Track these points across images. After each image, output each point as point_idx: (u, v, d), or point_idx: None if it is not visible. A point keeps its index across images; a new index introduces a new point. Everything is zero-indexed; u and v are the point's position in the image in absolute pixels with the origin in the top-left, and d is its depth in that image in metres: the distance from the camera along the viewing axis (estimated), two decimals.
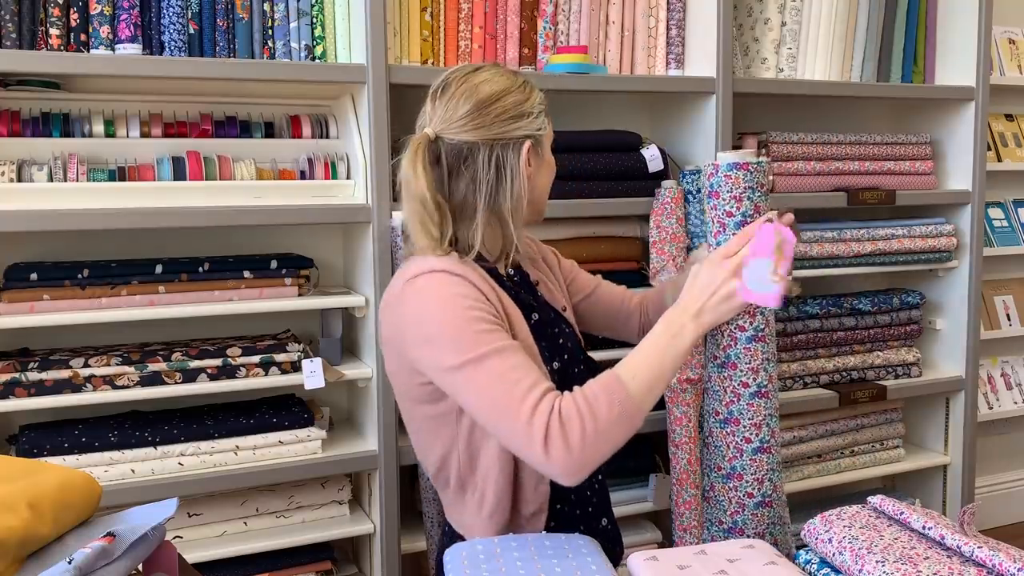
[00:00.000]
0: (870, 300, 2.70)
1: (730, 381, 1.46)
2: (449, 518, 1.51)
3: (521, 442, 1.26)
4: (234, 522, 2.09)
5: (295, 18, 2.06)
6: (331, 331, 2.21)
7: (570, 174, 2.26)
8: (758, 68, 2.54)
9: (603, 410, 1.27)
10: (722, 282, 1.36)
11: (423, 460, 1.50)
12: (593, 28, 2.35)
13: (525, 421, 1.25)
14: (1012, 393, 3.32)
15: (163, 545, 1.09)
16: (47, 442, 1.91)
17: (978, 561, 1.09)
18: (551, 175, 1.54)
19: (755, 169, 1.44)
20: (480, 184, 1.39)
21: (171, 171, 2.01)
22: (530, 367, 1.30)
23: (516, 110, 1.41)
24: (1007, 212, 3.30)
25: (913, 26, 2.74)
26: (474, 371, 1.28)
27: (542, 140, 1.47)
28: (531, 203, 1.48)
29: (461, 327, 1.30)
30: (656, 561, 1.22)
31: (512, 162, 1.40)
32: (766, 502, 1.49)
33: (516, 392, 1.26)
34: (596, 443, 1.26)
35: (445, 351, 1.30)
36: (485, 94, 1.40)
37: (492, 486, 1.40)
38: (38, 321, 1.89)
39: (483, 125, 1.39)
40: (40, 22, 1.90)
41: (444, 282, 1.34)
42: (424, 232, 1.40)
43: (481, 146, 1.39)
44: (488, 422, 1.30)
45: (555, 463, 1.24)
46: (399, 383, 1.45)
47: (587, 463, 1.26)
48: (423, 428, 1.45)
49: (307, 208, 2.03)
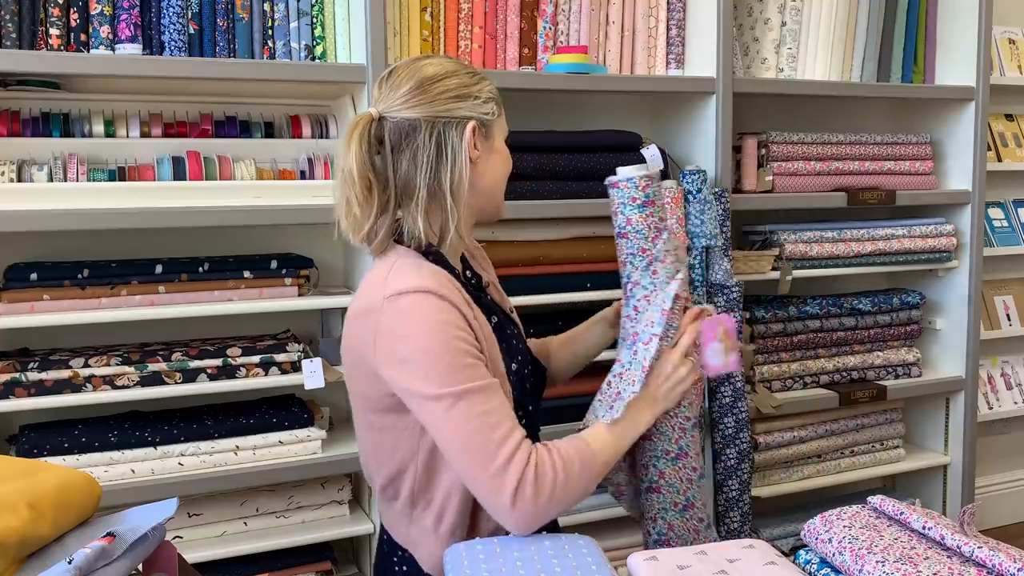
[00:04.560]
0: (870, 300, 2.70)
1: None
2: (390, 530, 1.47)
3: (488, 487, 1.27)
4: (234, 522, 2.09)
5: (295, 18, 2.06)
6: (331, 331, 2.21)
7: (570, 174, 2.26)
8: (758, 68, 2.54)
9: (574, 474, 1.32)
10: (672, 369, 1.50)
11: (372, 470, 1.46)
12: (593, 28, 2.35)
13: (498, 469, 1.26)
14: (1012, 393, 3.32)
15: (163, 545, 1.09)
16: (47, 442, 1.91)
17: (978, 561, 1.09)
18: (504, 168, 1.47)
19: (624, 186, 1.63)
20: (420, 162, 1.35)
21: (171, 171, 2.00)
22: (507, 411, 1.30)
23: (460, 91, 1.38)
24: (1007, 212, 3.30)
25: (913, 26, 2.74)
26: (452, 405, 1.26)
27: (491, 127, 1.42)
28: (480, 194, 1.42)
29: (444, 357, 1.27)
30: (656, 561, 1.21)
31: (454, 141, 1.36)
32: None
33: (494, 437, 1.27)
34: (559, 502, 1.30)
35: (425, 378, 1.27)
36: (428, 73, 1.38)
37: (455, 505, 1.37)
38: (38, 321, 1.89)
39: (424, 102, 1.35)
40: (40, 22, 1.90)
41: (433, 307, 1.30)
42: (347, 211, 1.36)
43: (423, 123, 1.35)
44: (456, 459, 1.29)
45: (518, 514, 1.27)
46: (360, 392, 1.41)
47: (544, 519, 1.30)
48: (379, 439, 1.41)
49: (307, 208, 2.03)
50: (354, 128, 1.36)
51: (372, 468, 1.46)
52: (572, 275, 2.32)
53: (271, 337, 2.16)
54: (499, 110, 1.44)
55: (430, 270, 1.35)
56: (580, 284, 2.32)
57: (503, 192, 1.48)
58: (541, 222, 2.28)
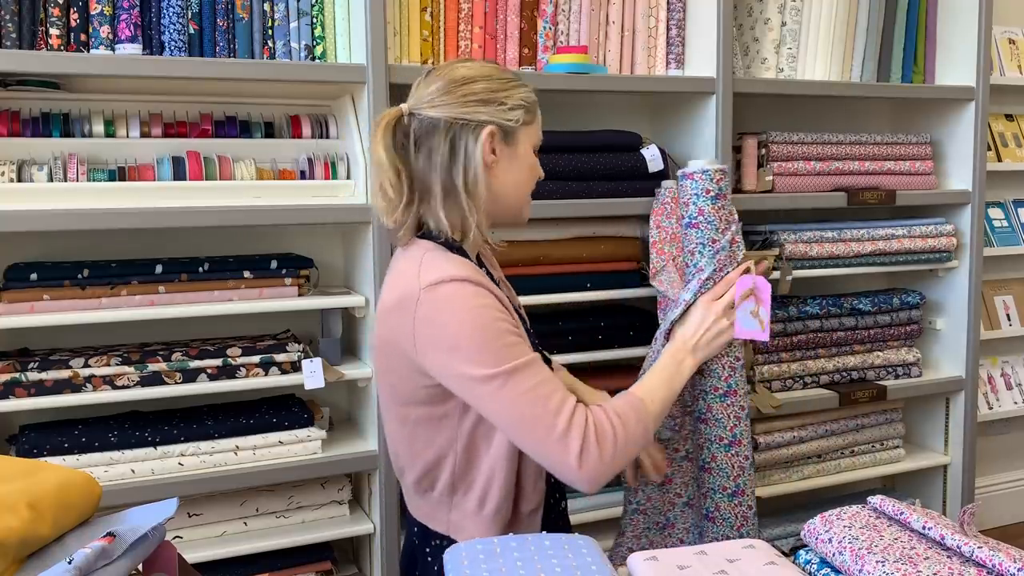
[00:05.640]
0: (870, 300, 2.69)
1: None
2: (426, 520, 1.50)
3: (554, 452, 1.33)
4: (234, 522, 2.09)
5: (295, 18, 2.06)
6: (331, 331, 2.21)
7: (570, 174, 2.26)
8: (758, 68, 2.54)
9: (632, 426, 1.39)
10: (713, 322, 1.61)
11: (404, 463, 1.49)
12: (593, 28, 2.35)
13: (560, 434, 1.32)
14: (1012, 393, 3.32)
15: (163, 545, 1.09)
16: (47, 442, 1.91)
17: (978, 561, 1.09)
18: (529, 176, 1.49)
19: (699, 178, 1.78)
20: (435, 161, 1.39)
21: (171, 171, 2.00)
22: (556, 382, 1.37)
23: (486, 95, 1.40)
24: (1007, 212, 3.30)
25: (913, 26, 2.74)
26: (504, 384, 1.32)
27: (514, 133, 1.43)
28: (500, 198, 1.45)
29: (490, 339, 1.33)
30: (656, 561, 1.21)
31: (468, 144, 1.39)
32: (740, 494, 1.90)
33: (549, 406, 1.33)
34: (623, 455, 1.38)
35: (473, 361, 1.32)
36: (458, 75, 1.41)
37: (497, 486, 1.41)
38: (38, 321, 1.89)
39: (448, 103, 1.39)
40: (40, 22, 1.90)
41: (471, 293, 1.34)
42: (382, 195, 1.41)
43: (443, 123, 1.39)
44: (518, 434, 1.35)
45: (586, 473, 1.33)
46: (396, 385, 1.44)
47: (611, 473, 1.37)
48: (416, 431, 1.44)
49: (307, 208, 2.03)
50: (381, 120, 1.41)
51: (405, 462, 1.49)
52: (572, 275, 2.32)
53: (271, 337, 2.16)
54: (529, 117, 1.45)
55: (459, 260, 1.40)
56: (580, 284, 2.32)
57: (526, 198, 1.51)
58: (541, 222, 2.28)
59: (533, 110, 1.46)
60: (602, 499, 2.39)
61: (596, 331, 2.35)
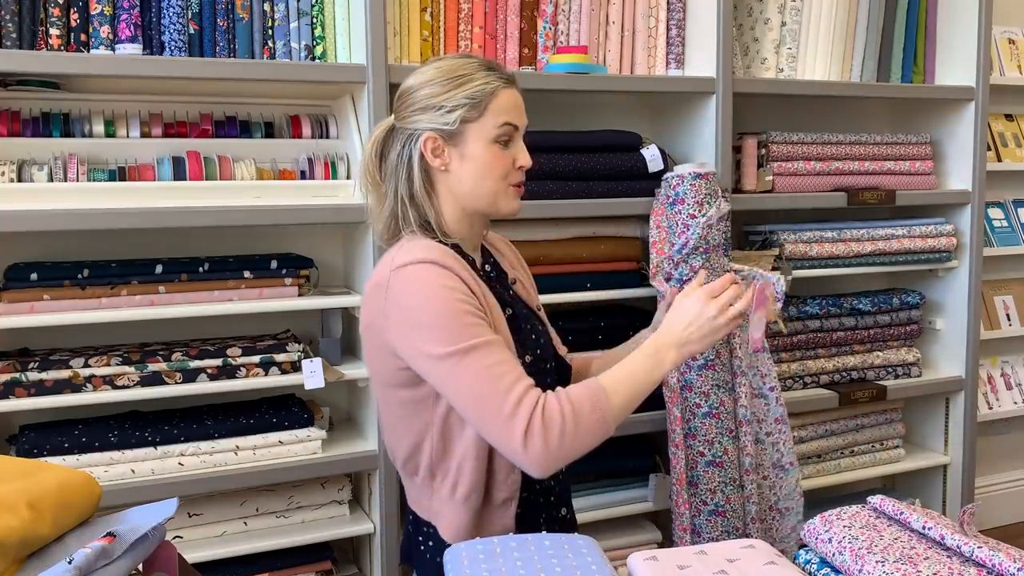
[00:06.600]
0: (870, 300, 2.69)
1: None
2: (414, 506, 1.54)
3: (501, 433, 1.33)
4: (234, 522, 2.09)
5: (295, 18, 2.06)
6: (331, 331, 2.21)
7: (570, 174, 2.26)
8: (758, 68, 2.54)
9: (585, 415, 1.36)
10: (707, 319, 1.47)
11: (393, 449, 1.53)
12: (593, 28, 2.35)
13: (508, 414, 1.32)
14: (1012, 393, 3.32)
15: (163, 545, 1.09)
16: (47, 442, 1.91)
17: (978, 561, 1.09)
18: (490, 169, 1.46)
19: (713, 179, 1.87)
20: (395, 169, 1.48)
21: (171, 171, 2.00)
22: (513, 362, 1.37)
23: (425, 102, 1.45)
24: (1007, 212, 3.30)
25: (913, 26, 2.74)
26: (459, 362, 1.33)
27: (461, 135, 1.44)
28: (464, 197, 1.47)
29: (449, 317, 1.35)
30: (656, 561, 1.21)
31: (412, 153, 1.46)
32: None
33: (500, 386, 1.33)
34: (572, 444, 1.35)
35: (432, 339, 1.34)
36: (407, 84, 1.49)
37: (468, 471, 1.43)
38: (38, 321, 1.89)
39: (399, 114, 1.49)
40: (40, 22, 1.90)
41: (434, 273, 1.37)
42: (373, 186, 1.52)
43: (396, 134, 1.49)
44: (469, 413, 1.36)
45: (530, 455, 1.32)
46: (377, 368, 1.48)
47: (560, 460, 1.35)
48: (398, 414, 1.48)
49: (307, 208, 2.03)
50: (374, 132, 1.53)
51: (392, 444, 1.53)
52: (572, 275, 2.32)
53: (271, 337, 2.16)
54: (475, 113, 1.44)
55: (433, 244, 1.44)
56: (580, 284, 2.32)
57: (495, 190, 1.48)
58: (541, 222, 2.28)
59: (484, 102, 1.44)
60: (602, 499, 2.39)
61: (596, 331, 2.35)
